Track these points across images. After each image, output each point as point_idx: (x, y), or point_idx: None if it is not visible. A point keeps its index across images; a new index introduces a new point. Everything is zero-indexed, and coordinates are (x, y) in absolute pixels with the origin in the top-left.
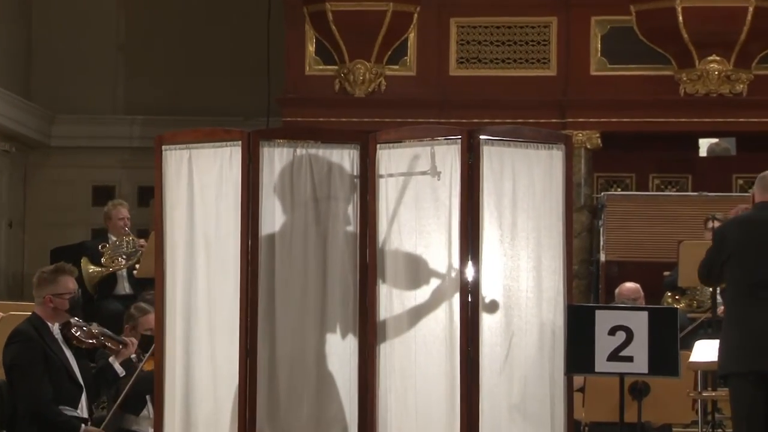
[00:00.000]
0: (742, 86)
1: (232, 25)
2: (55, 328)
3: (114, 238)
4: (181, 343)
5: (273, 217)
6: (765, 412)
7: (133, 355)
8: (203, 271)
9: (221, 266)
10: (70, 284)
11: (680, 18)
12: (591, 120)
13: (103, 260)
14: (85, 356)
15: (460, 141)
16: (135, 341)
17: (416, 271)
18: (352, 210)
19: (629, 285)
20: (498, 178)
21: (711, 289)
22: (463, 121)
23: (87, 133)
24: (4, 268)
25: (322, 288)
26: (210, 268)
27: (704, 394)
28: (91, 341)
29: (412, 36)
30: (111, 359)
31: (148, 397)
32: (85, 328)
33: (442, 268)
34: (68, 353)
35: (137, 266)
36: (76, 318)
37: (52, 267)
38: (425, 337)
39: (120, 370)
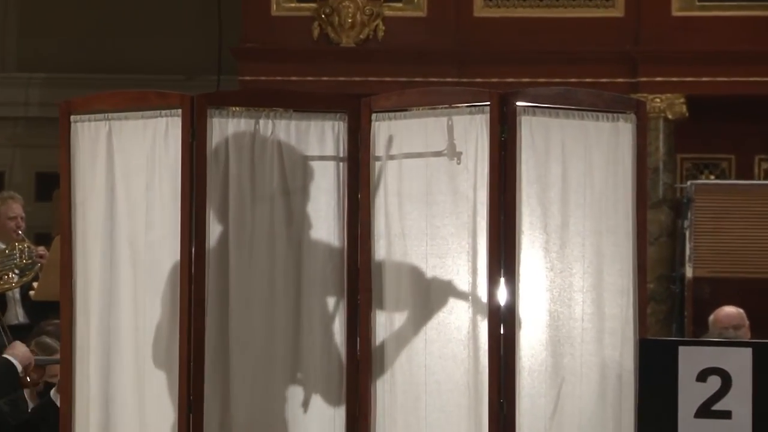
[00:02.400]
0: None
1: None
2: None
3: (2, 246)
4: (97, 394)
5: (226, 218)
6: None
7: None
8: (128, 293)
9: (153, 286)
10: None
11: None
12: (672, 79)
13: None
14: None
15: (488, 109)
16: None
17: (427, 292)
18: (337, 207)
19: (729, 310)
20: (542, 161)
21: None
22: (493, 80)
23: None
24: None
25: (294, 317)
26: (138, 288)
27: None
28: None
29: None
30: (52, 393)
31: None
32: None
33: (463, 288)
34: None
35: (35, 285)
36: None
37: None
38: (440, 384)
39: None
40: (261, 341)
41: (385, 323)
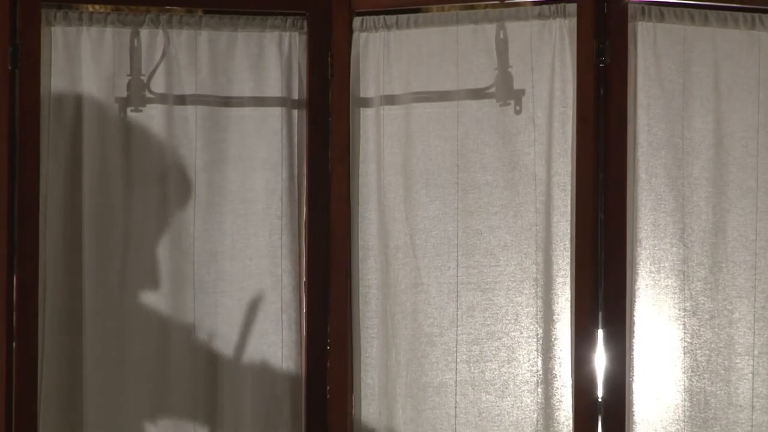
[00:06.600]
0: None
1: None
2: None
3: None
4: None
5: (78, 215)
6: None
7: None
8: None
9: None
10: None
11: None
12: None
13: None
14: None
15: (575, 9)
16: None
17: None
18: (286, 194)
19: None
20: (676, 108)
21: None
22: None
23: None
24: None
25: (207, 406)
26: None
27: None
28: None
29: None
30: None
31: None
32: None
33: (526, 350)
34: None
35: None
36: None
37: None
38: None
39: None
40: None
41: (378, 421)
